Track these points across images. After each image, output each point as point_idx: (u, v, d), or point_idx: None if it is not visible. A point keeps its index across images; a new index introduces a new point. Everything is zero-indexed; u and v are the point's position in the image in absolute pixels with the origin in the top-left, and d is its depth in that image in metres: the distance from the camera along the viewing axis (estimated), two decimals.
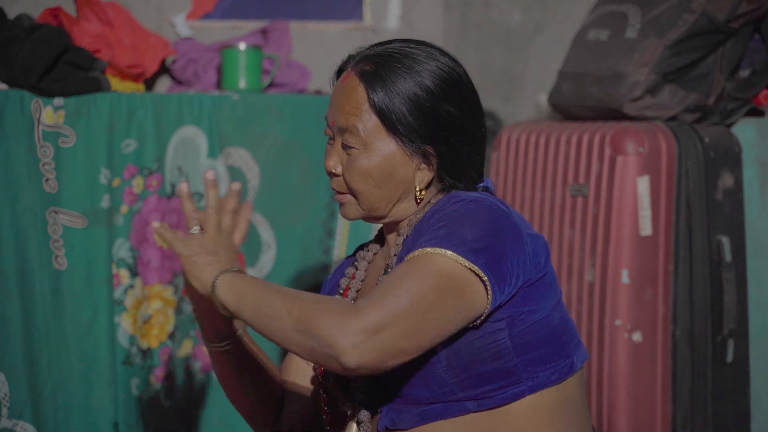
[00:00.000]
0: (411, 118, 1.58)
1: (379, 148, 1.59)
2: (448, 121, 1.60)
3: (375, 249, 1.76)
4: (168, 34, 3.03)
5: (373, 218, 1.65)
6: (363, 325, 1.40)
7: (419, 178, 1.62)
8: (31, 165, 2.41)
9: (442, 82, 1.60)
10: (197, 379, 2.62)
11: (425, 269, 1.46)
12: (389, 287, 1.45)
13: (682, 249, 2.53)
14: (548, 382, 1.56)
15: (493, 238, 1.50)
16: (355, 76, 1.61)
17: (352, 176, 1.61)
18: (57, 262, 2.45)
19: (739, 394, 2.59)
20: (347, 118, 1.60)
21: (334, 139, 1.64)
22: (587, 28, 2.81)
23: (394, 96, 1.58)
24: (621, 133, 2.54)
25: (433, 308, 1.45)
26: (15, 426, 2.36)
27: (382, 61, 1.60)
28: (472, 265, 1.47)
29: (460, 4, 3.40)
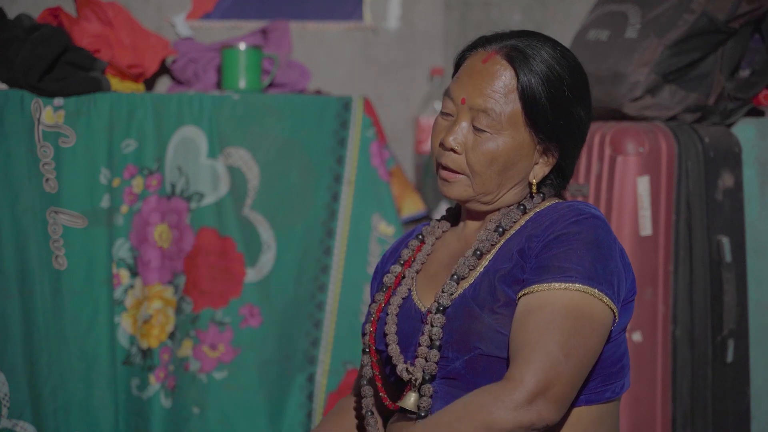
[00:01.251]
0: (551, 112, 1.59)
1: (512, 135, 1.59)
2: (577, 122, 1.62)
3: (445, 227, 1.75)
4: (168, 34, 3.03)
5: (477, 202, 1.65)
6: (529, 392, 1.43)
7: (535, 172, 1.63)
8: (31, 165, 2.41)
9: (579, 83, 1.62)
10: (197, 379, 2.62)
11: (563, 312, 1.48)
12: (536, 342, 1.46)
13: (682, 249, 2.53)
14: (601, 399, 1.59)
15: (612, 263, 1.53)
16: (503, 60, 1.60)
17: (477, 157, 1.60)
18: (57, 262, 2.45)
19: (739, 394, 2.59)
20: (486, 99, 1.59)
21: (454, 116, 1.62)
22: (587, 28, 2.81)
23: (541, 88, 1.58)
24: (621, 133, 2.54)
25: (584, 349, 1.48)
26: (15, 426, 2.37)
27: (530, 52, 1.59)
28: (603, 295, 1.50)
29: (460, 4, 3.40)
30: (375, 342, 1.68)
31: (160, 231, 2.59)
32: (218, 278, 2.62)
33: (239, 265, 2.64)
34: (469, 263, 1.61)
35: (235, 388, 2.64)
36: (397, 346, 1.63)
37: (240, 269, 2.65)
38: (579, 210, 1.57)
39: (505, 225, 1.62)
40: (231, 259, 2.63)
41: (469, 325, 1.56)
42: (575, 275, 1.49)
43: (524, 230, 1.61)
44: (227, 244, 2.63)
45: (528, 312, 1.49)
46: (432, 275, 1.69)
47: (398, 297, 1.68)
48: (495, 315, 1.55)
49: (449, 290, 1.60)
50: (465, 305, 1.58)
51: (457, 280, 1.60)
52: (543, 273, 1.51)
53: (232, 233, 2.63)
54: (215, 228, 2.62)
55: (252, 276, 2.65)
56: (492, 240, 1.61)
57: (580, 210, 1.57)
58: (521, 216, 1.63)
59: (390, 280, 1.71)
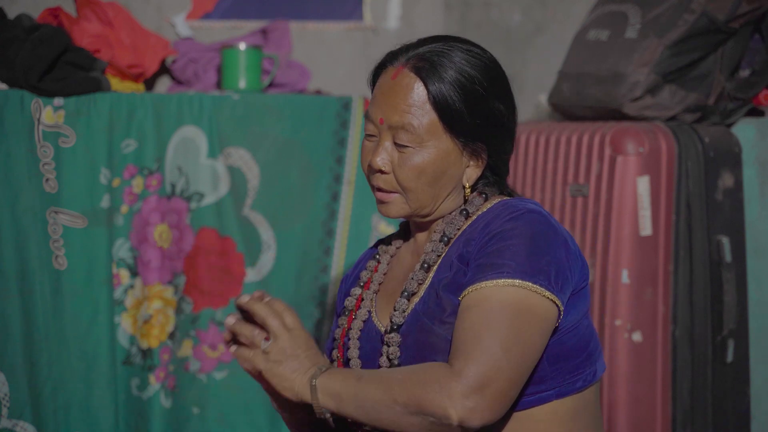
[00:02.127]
0: (468, 114, 1.58)
1: (435, 146, 1.59)
2: (498, 117, 1.61)
3: (398, 243, 1.75)
4: (168, 34, 3.03)
5: (417, 216, 1.64)
6: (468, 387, 1.41)
7: (468, 176, 1.63)
8: (31, 165, 2.41)
9: (491, 79, 1.60)
10: (197, 379, 2.62)
11: (499, 308, 1.47)
12: (474, 338, 1.45)
13: (682, 249, 2.53)
14: (573, 389, 1.58)
15: (549, 255, 1.52)
16: (411, 72, 1.59)
17: (405, 174, 1.59)
18: (57, 262, 2.45)
19: (739, 394, 2.59)
20: (402, 115, 1.58)
21: (377, 137, 1.62)
22: (587, 28, 2.81)
23: (452, 92, 1.57)
24: (621, 133, 2.54)
25: (523, 345, 1.46)
26: (15, 426, 2.37)
27: (435, 58, 1.59)
28: (540, 289, 1.49)
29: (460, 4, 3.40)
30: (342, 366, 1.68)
31: (160, 231, 2.59)
32: (218, 278, 2.62)
33: (239, 265, 2.65)
34: (418, 278, 1.61)
35: (235, 388, 2.64)
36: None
37: (240, 269, 2.65)
38: (513, 206, 1.57)
39: (450, 233, 1.62)
40: (231, 259, 2.63)
41: (424, 339, 1.56)
42: (509, 270, 1.48)
43: (462, 235, 1.61)
44: (227, 244, 2.63)
45: (466, 309, 1.49)
46: (390, 294, 1.69)
47: (359, 320, 1.68)
48: (445, 325, 1.54)
49: (401, 308, 1.60)
50: (417, 320, 1.58)
51: (408, 296, 1.61)
52: (479, 272, 1.50)
53: (232, 233, 2.63)
54: (215, 228, 2.62)
55: (252, 276, 2.65)
56: (438, 251, 1.61)
57: (515, 206, 1.57)
58: (465, 221, 1.63)
59: (351, 303, 1.71)
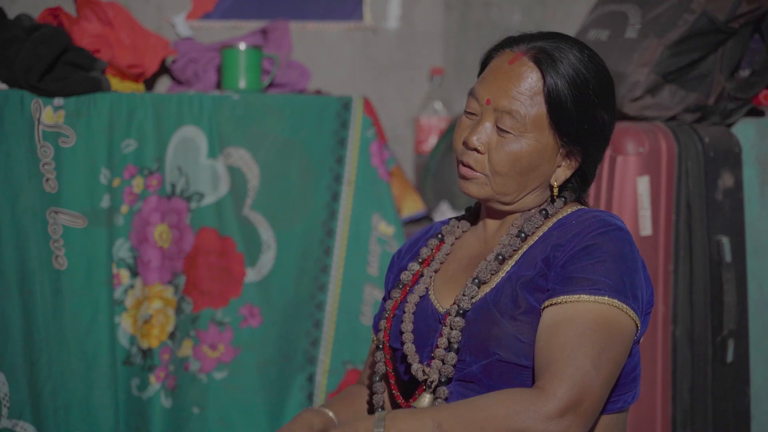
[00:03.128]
0: (576, 116, 1.58)
1: (536, 138, 1.59)
2: (601, 127, 1.61)
3: (465, 226, 1.74)
4: (168, 34, 3.03)
5: (496, 201, 1.64)
6: (562, 407, 1.42)
7: (557, 175, 1.63)
8: (31, 165, 2.41)
9: (604, 87, 1.61)
10: (197, 379, 2.62)
11: (593, 325, 1.48)
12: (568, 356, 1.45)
13: (682, 249, 2.53)
14: (614, 408, 1.59)
15: (635, 277, 1.53)
16: (530, 62, 1.59)
17: (500, 158, 1.59)
18: (57, 262, 2.45)
19: (739, 394, 2.59)
20: (512, 101, 1.58)
21: (478, 116, 1.62)
22: (587, 28, 2.81)
23: (567, 92, 1.57)
24: (621, 133, 2.54)
25: (612, 363, 1.48)
26: (15, 426, 2.37)
27: (557, 55, 1.59)
28: (629, 309, 1.50)
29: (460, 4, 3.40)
30: (389, 339, 1.67)
31: (160, 231, 2.59)
32: (218, 278, 2.62)
33: (239, 265, 2.64)
34: (491, 268, 1.60)
35: (235, 388, 2.64)
36: (412, 345, 1.63)
37: (240, 269, 2.65)
38: (605, 221, 1.57)
39: (528, 230, 1.62)
40: (231, 259, 2.63)
41: (489, 330, 1.55)
42: (604, 288, 1.49)
43: (549, 238, 1.60)
44: (227, 244, 2.63)
45: (557, 324, 1.49)
46: (450, 276, 1.68)
47: (415, 295, 1.67)
48: (515, 322, 1.54)
49: (470, 293, 1.59)
50: (485, 310, 1.57)
51: (478, 284, 1.60)
52: (570, 284, 1.51)
53: (232, 233, 2.63)
54: (215, 228, 2.62)
55: (252, 276, 2.65)
56: (514, 245, 1.61)
57: (607, 221, 1.57)
58: (543, 221, 1.63)
59: (407, 278, 1.70)
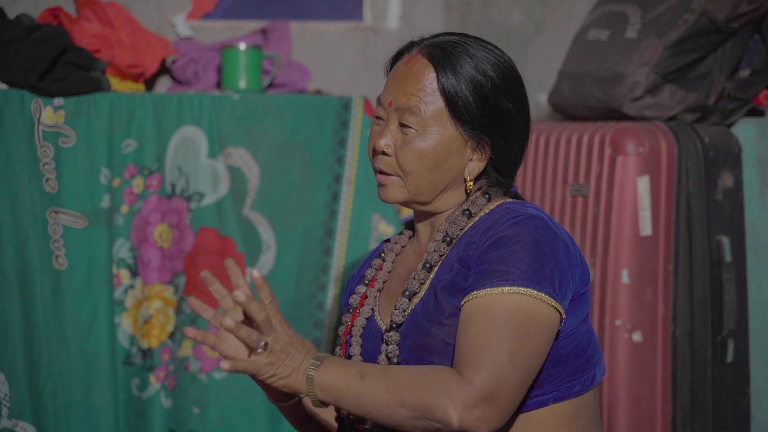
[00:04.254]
0: (475, 105, 1.60)
1: (439, 132, 1.61)
2: (506, 115, 1.62)
3: (403, 241, 1.77)
4: (168, 34, 3.03)
5: (415, 203, 1.65)
6: (476, 396, 1.42)
7: (470, 169, 1.63)
8: (31, 165, 2.41)
9: (504, 76, 1.62)
10: (197, 379, 2.62)
11: (505, 316, 1.47)
12: (481, 347, 1.45)
13: (682, 249, 2.53)
14: (570, 393, 1.58)
15: (552, 261, 1.52)
16: (424, 59, 1.62)
17: (406, 156, 1.61)
18: (57, 262, 2.45)
19: (739, 394, 2.59)
20: (410, 98, 1.61)
21: (385, 120, 1.64)
22: (587, 28, 2.81)
23: (461, 81, 1.60)
24: (621, 133, 2.54)
25: (529, 353, 1.47)
26: (15, 426, 2.36)
27: (450, 48, 1.62)
28: (545, 296, 1.49)
29: (460, 4, 3.40)
30: None
31: (160, 231, 2.59)
32: (218, 278, 2.62)
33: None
34: (420, 277, 1.62)
35: (235, 388, 2.64)
36: None
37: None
38: (515, 211, 1.57)
39: (453, 234, 1.63)
40: None
41: (422, 340, 1.57)
42: (513, 278, 1.49)
43: (464, 237, 1.61)
44: (227, 244, 2.63)
45: (471, 316, 1.49)
46: (393, 292, 1.70)
47: (362, 318, 1.70)
48: (443, 327, 1.55)
49: (401, 307, 1.61)
50: (415, 321, 1.59)
51: (409, 296, 1.62)
52: (482, 278, 1.51)
53: (232, 233, 2.63)
54: (215, 228, 2.62)
55: None
56: (440, 251, 1.62)
57: (516, 211, 1.57)
58: (467, 222, 1.63)
59: (355, 301, 1.73)
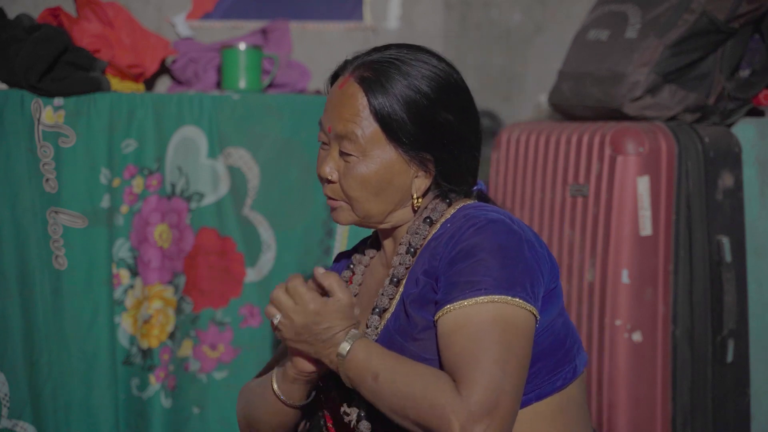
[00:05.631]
0: (411, 124, 1.57)
1: (378, 156, 1.58)
2: (447, 128, 1.59)
3: (371, 253, 1.75)
4: (168, 34, 3.03)
5: (368, 225, 1.64)
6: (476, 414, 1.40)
7: (416, 186, 1.61)
8: (31, 165, 2.41)
9: (440, 89, 1.59)
10: (197, 379, 2.62)
11: (485, 326, 1.45)
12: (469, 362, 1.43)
13: (682, 249, 2.53)
14: (553, 389, 1.57)
15: (520, 264, 1.50)
16: (355, 82, 1.59)
17: (349, 183, 1.59)
18: (57, 262, 2.45)
19: (739, 394, 2.59)
20: (346, 124, 1.58)
21: (329, 145, 1.62)
22: (587, 28, 2.81)
23: (394, 102, 1.56)
24: (621, 133, 2.54)
25: (516, 358, 1.45)
26: (15, 426, 2.37)
27: (381, 68, 1.58)
28: (519, 301, 1.47)
29: (460, 4, 3.40)
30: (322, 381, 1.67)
31: (160, 231, 2.59)
32: (218, 278, 2.62)
33: (239, 265, 2.65)
34: (388, 293, 1.60)
35: (235, 388, 2.64)
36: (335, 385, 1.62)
37: (240, 269, 2.65)
38: (475, 217, 1.55)
39: (416, 244, 1.61)
40: (231, 259, 2.63)
41: None
42: (486, 286, 1.47)
43: (428, 247, 1.59)
44: (227, 244, 2.63)
45: (451, 332, 1.47)
46: (364, 307, 1.67)
47: None
48: (417, 342, 1.53)
49: (373, 324, 1.59)
50: (389, 337, 1.57)
51: (380, 312, 1.60)
52: (454, 291, 1.49)
53: (232, 233, 2.63)
54: (215, 228, 2.62)
55: (252, 276, 2.65)
56: (406, 263, 1.61)
57: (476, 217, 1.55)
58: (429, 229, 1.61)
59: None
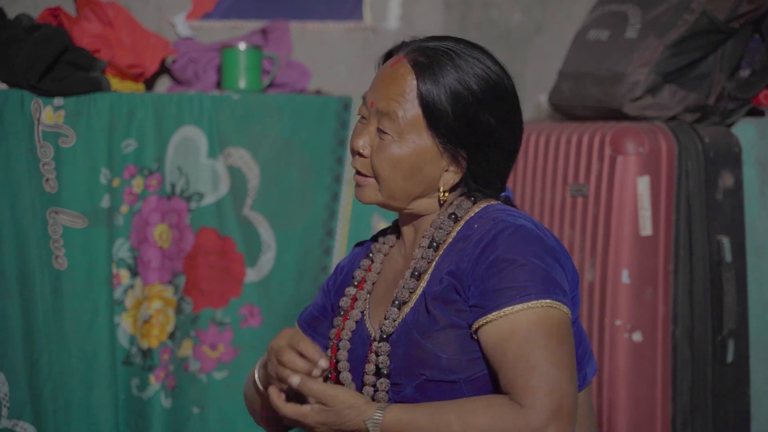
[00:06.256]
0: (452, 118, 1.56)
1: (414, 140, 1.58)
2: (486, 129, 1.58)
3: (391, 241, 1.74)
4: (168, 34, 3.03)
5: (390, 207, 1.63)
6: (546, 418, 1.41)
7: (444, 180, 1.61)
8: (31, 165, 2.41)
9: (488, 90, 1.58)
10: (197, 379, 2.62)
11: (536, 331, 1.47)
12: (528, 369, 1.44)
13: (682, 249, 2.53)
14: None
15: (554, 269, 1.52)
16: (408, 64, 1.59)
17: (380, 161, 1.59)
18: (57, 262, 2.45)
19: (739, 394, 2.59)
20: (389, 102, 1.58)
21: (367, 120, 1.62)
22: (587, 28, 2.81)
23: (441, 92, 1.56)
24: (621, 133, 2.54)
25: (568, 357, 1.47)
26: (15, 426, 2.37)
27: (436, 56, 1.58)
28: (559, 304, 1.49)
29: (460, 4, 3.40)
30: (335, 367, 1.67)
31: (160, 231, 2.59)
32: (218, 278, 2.62)
33: (239, 265, 2.65)
34: (409, 286, 1.60)
35: (235, 388, 2.64)
36: (348, 374, 1.63)
37: (240, 269, 2.65)
38: (504, 221, 1.55)
39: (439, 239, 1.60)
40: (231, 259, 2.63)
41: (412, 352, 1.55)
42: (532, 292, 1.48)
43: (454, 246, 1.58)
44: (227, 244, 2.63)
45: (502, 340, 1.47)
46: (381, 296, 1.67)
47: (352, 321, 1.67)
48: (434, 339, 1.53)
49: (391, 316, 1.59)
50: (406, 332, 1.57)
51: (399, 305, 1.59)
52: (498, 298, 1.49)
53: (232, 233, 2.63)
54: (215, 228, 2.62)
55: (252, 276, 2.65)
56: (428, 257, 1.60)
57: (506, 221, 1.55)
58: (453, 226, 1.61)
59: (346, 304, 1.70)
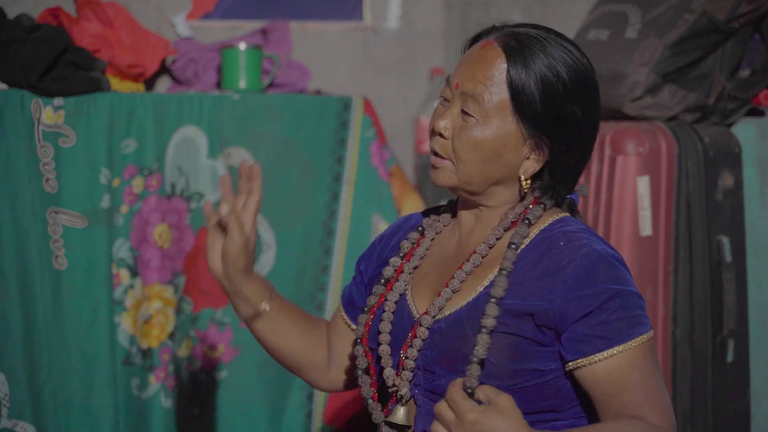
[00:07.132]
0: (540, 104, 1.55)
1: (498, 125, 1.56)
2: (571, 119, 1.57)
3: (446, 220, 1.72)
4: (168, 34, 3.03)
5: (464, 191, 1.61)
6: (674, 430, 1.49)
7: (525, 168, 1.59)
8: (31, 165, 2.41)
9: (577, 80, 1.57)
10: (197, 379, 2.62)
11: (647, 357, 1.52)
12: (649, 392, 1.50)
13: (682, 249, 2.53)
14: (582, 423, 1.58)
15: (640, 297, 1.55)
16: (498, 47, 1.57)
17: (461, 143, 1.57)
18: (57, 262, 2.45)
19: (739, 394, 2.59)
20: (476, 85, 1.57)
21: (450, 102, 1.61)
22: (587, 28, 2.81)
23: (531, 78, 1.55)
24: (621, 133, 2.54)
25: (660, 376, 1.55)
26: (15, 426, 2.37)
27: (527, 41, 1.57)
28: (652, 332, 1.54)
29: (460, 4, 3.40)
30: (369, 335, 1.66)
31: (160, 231, 2.59)
32: (214, 286, 2.62)
33: None
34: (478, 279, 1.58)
35: (235, 388, 2.64)
36: (388, 347, 1.61)
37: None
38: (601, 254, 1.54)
39: (517, 242, 1.58)
40: None
41: (459, 347, 1.53)
42: (639, 328, 1.51)
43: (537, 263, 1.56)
44: None
45: (630, 368, 1.50)
46: (426, 274, 1.66)
47: (395, 293, 1.65)
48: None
49: (438, 304, 1.58)
50: (458, 325, 1.55)
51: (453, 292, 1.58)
52: (611, 334, 1.50)
53: None
54: None
55: None
56: (512, 258, 1.57)
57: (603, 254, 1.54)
58: (528, 230, 1.60)
59: (391, 273, 1.68)
